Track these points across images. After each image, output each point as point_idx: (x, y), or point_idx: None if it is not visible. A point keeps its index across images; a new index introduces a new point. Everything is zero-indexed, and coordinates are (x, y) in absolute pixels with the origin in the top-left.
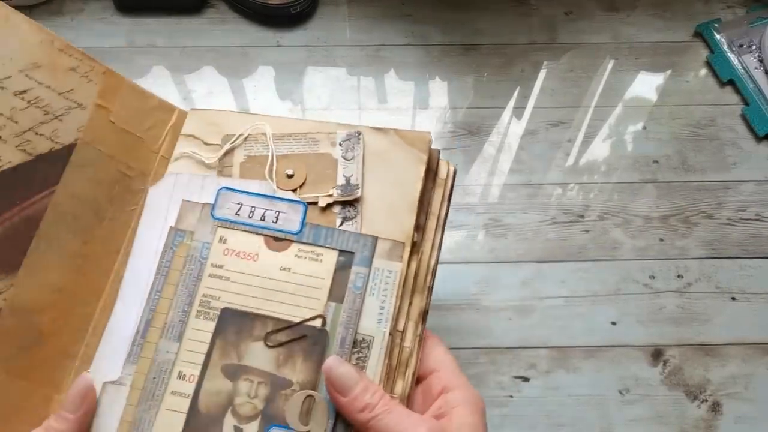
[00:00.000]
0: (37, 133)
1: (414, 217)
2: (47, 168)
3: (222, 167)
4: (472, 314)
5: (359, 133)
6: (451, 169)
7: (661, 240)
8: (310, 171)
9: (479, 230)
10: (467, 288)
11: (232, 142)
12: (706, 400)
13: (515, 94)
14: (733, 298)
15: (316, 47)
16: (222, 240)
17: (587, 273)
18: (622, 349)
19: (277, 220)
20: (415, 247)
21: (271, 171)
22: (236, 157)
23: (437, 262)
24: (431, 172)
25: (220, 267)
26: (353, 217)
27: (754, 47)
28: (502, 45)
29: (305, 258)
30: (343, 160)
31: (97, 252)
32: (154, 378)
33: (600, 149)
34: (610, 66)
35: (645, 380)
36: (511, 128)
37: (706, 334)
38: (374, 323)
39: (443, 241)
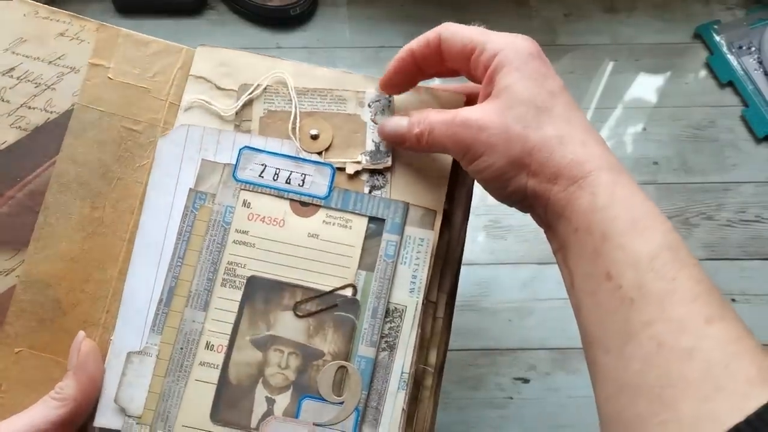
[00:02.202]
0: (30, 107)
1: (446, 186)
2: (45, 140)
3: (240, 121)
4: (472, 315)
5: (391, 95)
6: None
7: None
8: (337, 133)
9: (479, 232)
10: (467, 289)
11: (250, 93)
12: None
13: None
14: (734, 300)
15: (316, 49)
16: (246, 204)
17: None
18: None
19: (303, 183)
20: (447, 216)
21: (294, 129)
22: (255, 111)
23: (464, 236)
24: None
25: (245, 233)
26: (382, 186)
27: (753, 49)
28: None
29: (334, 224)
30: (373, 124)
31: (108, 215)
32: (182, 348)
33: None
34: (609, 67)
35: None
36: None
37: None
38: (406, 293)
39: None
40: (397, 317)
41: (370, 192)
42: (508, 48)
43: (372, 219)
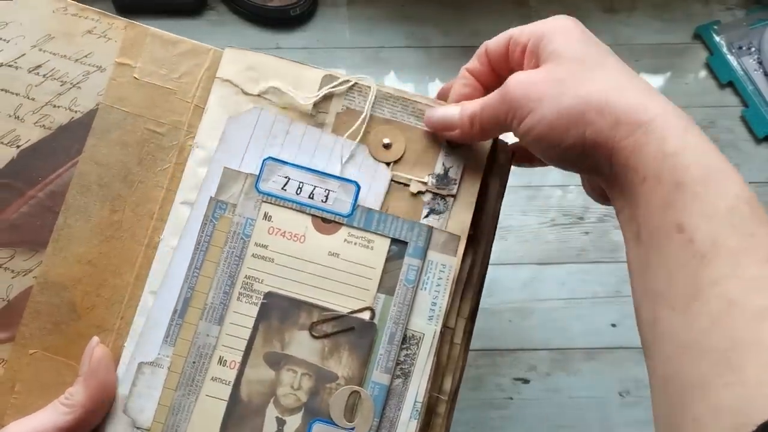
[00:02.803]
0: (55, 106)
1: (472, 210)
2: (69, 139)
3: (316, 112)
4: None
5: None
6: (508, 157)
7: None
8: (409, 147)
9: None
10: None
11: (332, 87)
12: None
13: None
14: None
15: (316, 49)
16: (267, 217)
17: (587, 275)
18: (623, 351)
19: (326, 199)
20: (471, 242)
21: (365, 132)
22: (333, 106)
23: (488, 260)
24: (489, 159)
25: (265, 247)
26: (441, 212)
27: (753, 49)
28: None
29: (355, 244)
30: (447, 147)
31: (128, 219)
32: (194, 362)
33: None
34: None
35: (645, 382)
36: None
37: None
38: (425, 320)
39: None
40: (413, 344)
41: (427, 215)
42: (546, 23)
43: (394, 241)
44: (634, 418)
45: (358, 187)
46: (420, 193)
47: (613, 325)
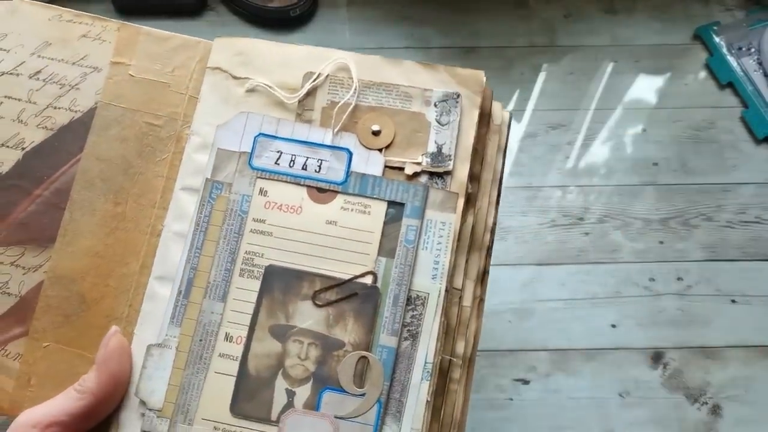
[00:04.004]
0: (56, 108)
1: (468, 166)
2: (70, 138)
3: (302, 110)
4: None
5: (458, 96)
6: (506, 114)
7: (661, 242)
8: (399, 131)
9: None
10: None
11: (313, 81)
12: (707, 403)
13: (515, 96)
14: (733, 301)
15: None
16: (262, 192)
17: (587, 275)
18: (622, 351)
19: (320, 169)
20: (471, 199)
21: (352, 118)
22: (318, 101)
23: (495, 222)
24: (485, 116)
25: (262, 221)
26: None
27: (753, 50)
28: (502, 47)
29: (352, 210)
30: (437, 125)
31: (131, 210)
32: (201, 340)
33: (599, 152)
34: (609, 68)
35: (645, 383)
36: (510, 131)
37: (706, 337)
38: (428, 279)
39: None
40: (419, 305)
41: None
42: None
43: (391, 204)
44: (634, 419)
45: (350, 154)
46: (416, 174)
47: (613, 326)
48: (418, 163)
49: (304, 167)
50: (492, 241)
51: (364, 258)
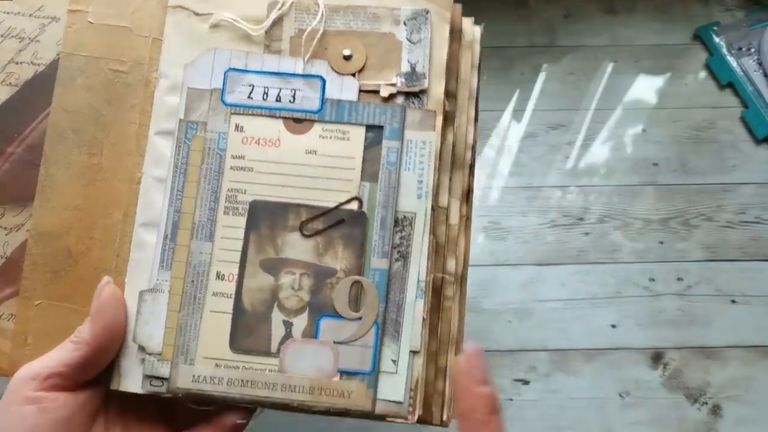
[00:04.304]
0: (17, 63)
1: (443, 83)
2: (36, 92)
3: (270, 41)
4: (471, 317)
5: (427, 12)
6: (477, 30)
7: (661, 243)
8: (371, 53)
9: (479, 233)
10: (467, 290)
11: (279, 9)
12: (707, 403)
13: (515, 96)
14: (733, 301)
15: None
16: (238, 128)
17: (587, 276)
18: (622, 352)
19: (294, 99)
20: (449, 117)
21: (321, 45)
22: (286, 30)
23: (476, 140)
24: (456, 32)
25: (241, 158)
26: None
27: (753, 50)
28: (502, 47)
29: (331, 138)
30: (408, 44)
31: (107, 160)
32: (193, 281)
33: (599, 152)
34: (609, 69)
35: (645, 383)
36: (510, 131)
37: (706, 337)
38: (414, 199)
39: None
40: (407, 225)
41: None
42: None
43: (369, 128)
44: (634, 419)
45: (323, 81)
46: (392, 96)
47: (613, 326)
48: (393, 84)
49: (278, 99)
50: (474, 159)
51: (348, 184)
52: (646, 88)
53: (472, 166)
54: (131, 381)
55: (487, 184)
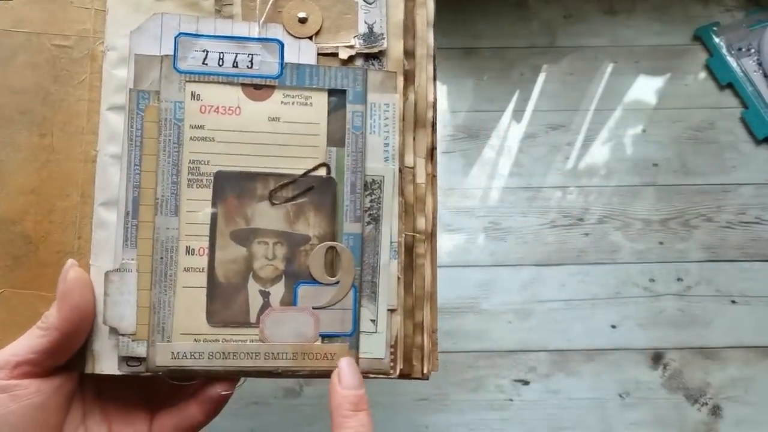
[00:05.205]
0: None
1: (401, 43)
2: None
3: (220, 6)
4: (471, 317)
5: None
6: None
7: (661, 243)
8: (326, 15)
9: (479, 233)
10: (467, 291)
11: None
12: (707, 404)
13: (515, 97)
14: (733, 302)
15: None
16: (195, 96)
17: (587, 276)
18: (622, 352)
19: (252, 65)
20: (408, 76)
21: (275, 8)
22: None
23: (436, 97)
24: None
25: (201, 127)
26: (378, 71)
27: (752, 50)
28: (502, 48)
29: (293, 104)
30: (365, 4)
31: (58, 140)
32: (161, 258)
33: (599, 152)
34: (609, 69)
35: (645, 384)
36: (510, 131)
37: (706, 338)
38: (381, 162)
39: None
40: (376, 188)
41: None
42: None
43: (332, 92)
44: (634, 420)
45: (282, 45)
46: (351, 59)
47: (613, 327)
48: (351, 47)
49: (235, 64)
50: (435, 117)
51: (314, 150)
52: (645, 88)
53: (434, 124)
54: (106, 363)
55: (487, 184)
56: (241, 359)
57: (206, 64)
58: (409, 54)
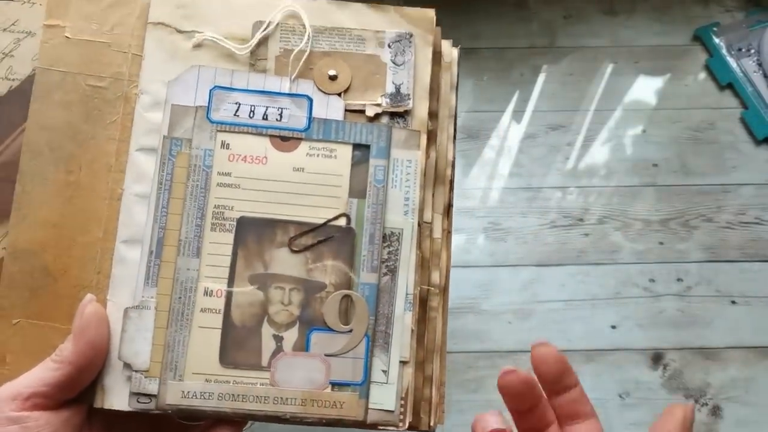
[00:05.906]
0: None
1: (427, 104)
2: (11, 108)
3: (255, 60)
4: (471, 318)
5: (411, 35)
6: (455, 51)
7: (661, 243)
8: (356, 74)
9: (479, 234)
10: (467, 291)
11: (264, 30)
12: (707, 404)
13: (515, 97)
14: (733, 302)
15: None
16: (224, 145)
17: (587, 276)
18: (622, 352)
19: (281, 117)
20: (431, 136)
21: (307, 65)
22: (271, 50)
23: (454, 156)
24: (437, 54)
25: (228, 174)
26: (403, 130)
27: (752, 51)
28: (502, 49)
29: (318, 155)
30: (393, 65)
31: (85, 177)
32: (180, 298)
33: (599, 153)
34: (609, 69)
35: (645, 384)
36: (510, 132)
37: (706, 338)
38: (401, 216)
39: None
40: (394, 241)
41: None
42: None
43: (357, 146)
44: (634, 420)
45: (311, 100)
46: (377, 116)
47: (613, 327)
48: (378, 105)
49: (265, 117)
50: (453, 175)
51: (336, 201)
52: (645, 88)
53: (452, 182)
54: (116, 398)
55: (487, 185)
56: (250, 402)
57: (238, 116)
58: (432, 114)
